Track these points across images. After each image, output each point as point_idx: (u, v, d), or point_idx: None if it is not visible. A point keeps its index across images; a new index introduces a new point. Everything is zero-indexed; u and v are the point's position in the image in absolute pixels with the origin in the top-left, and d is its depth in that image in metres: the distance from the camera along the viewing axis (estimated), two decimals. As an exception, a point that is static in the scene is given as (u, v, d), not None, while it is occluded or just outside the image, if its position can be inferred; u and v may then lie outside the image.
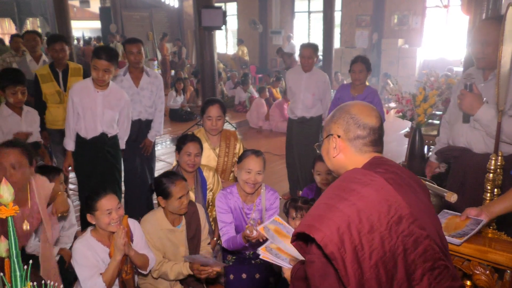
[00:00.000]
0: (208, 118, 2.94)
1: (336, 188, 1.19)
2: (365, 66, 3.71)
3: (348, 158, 1.29)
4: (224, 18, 5.69)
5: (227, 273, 2.62)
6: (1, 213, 1.10)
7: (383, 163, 1.26)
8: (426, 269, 1.12)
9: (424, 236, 1.12)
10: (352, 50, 11.22)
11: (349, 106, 1.31)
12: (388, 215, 1.10)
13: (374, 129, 1.27)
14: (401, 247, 1.09)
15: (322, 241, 1.06)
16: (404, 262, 1.10)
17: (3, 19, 17.21)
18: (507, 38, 1.85)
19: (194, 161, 2.69)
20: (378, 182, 1.15)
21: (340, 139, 1.29)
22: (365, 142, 1.27)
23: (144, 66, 3.83)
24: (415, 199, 1.21)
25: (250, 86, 9.33)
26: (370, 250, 1.07)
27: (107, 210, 2.13)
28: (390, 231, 1.09)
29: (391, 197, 1.13)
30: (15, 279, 1.13)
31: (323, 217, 1.11)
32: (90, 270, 2.13)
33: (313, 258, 1.13)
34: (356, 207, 1.10)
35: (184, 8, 16.30)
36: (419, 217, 1.14)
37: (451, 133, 2.54)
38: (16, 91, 3.20)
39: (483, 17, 3.45)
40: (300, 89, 4.18)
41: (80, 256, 2.13)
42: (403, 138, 5.59)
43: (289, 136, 4.41)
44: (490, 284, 1.72)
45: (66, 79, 3.94)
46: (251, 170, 2.47)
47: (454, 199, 1.97)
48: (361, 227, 1.08)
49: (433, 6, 10.06)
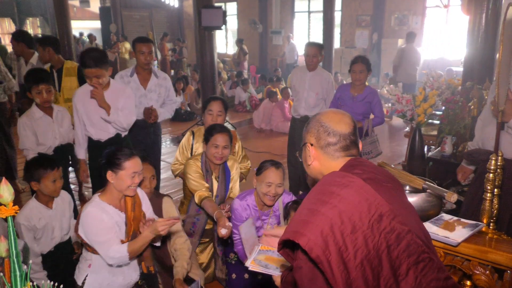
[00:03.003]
0: (209, 113, 2.93)
1: (317, 192, 1.23)
2: (366, 66, 3.71)
3: (322, 165, 1.35)
4: (224, 18, 5.69)
5: (229, 272, 2.62)
6: (1, 213, 1.10)
7: (359, 164, 1.31)
8: (411, 263, 1.15)
9: (406, 231, 1.15)
10: (352, 50, 11.22)
11: (320, 115, 1.38)
12: (369, 214, 1.14)
13: (344, 135, 1.32)
14: (384, 244, 1.13)
15: (307, 246, 1.09)
16: (389, 259, 1.12)
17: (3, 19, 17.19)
18: (507, 38, 1.85)
19: (222, 153, 2.64)
20: (356, 183, 1.18)
21: (313, 147, 1.35)
22: (336, 148, 1.33)
23: (152, 67, 3.72)
24: (394, 197, 1.26)
25: (250, 86, 9.33)
26: (354, 250, 1.10)
27: (133, 173, 2.08)
28: (372, 230, 1.12)
29: (371, 196, 1.16)
30: (15, 279, 1.13)
31: (306, 222, 1.14)
32: (107, 233, 2.05)
33: (300, 264, 1.16)
34: (337, 209, 1.13)
35: (184, 8, 16.30)
36: (400, 214, 1.17)
37: (482, 135, 2.51)
38: (40, 90, 3.12)
39: (483, 17, 3.45)
40: (304, 88, 4.18)
41: (93, 219, 2.04)
42: (403, 138, 5.60)
43: (292, 135, 4.41)
44: (490, 284, 1.72)
45: (60, 78, 3.94)
46: (272, 183, 2.42)
47: (454, 199, 1.97)
48: (344, 228, 1.11)
49: (433, 6, 10.06)
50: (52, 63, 3.99)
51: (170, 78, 4.37)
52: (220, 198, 2.75)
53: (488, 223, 1.92)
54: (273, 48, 14.12)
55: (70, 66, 4.02)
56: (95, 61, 2.95)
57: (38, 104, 3.20)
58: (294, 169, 4.44)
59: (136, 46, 3.58)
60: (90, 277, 2.18)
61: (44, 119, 3.22)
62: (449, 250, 1.81)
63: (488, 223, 1.92)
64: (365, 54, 10.99)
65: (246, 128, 7.84)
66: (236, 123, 8.03)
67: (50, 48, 3.95)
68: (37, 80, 3.14)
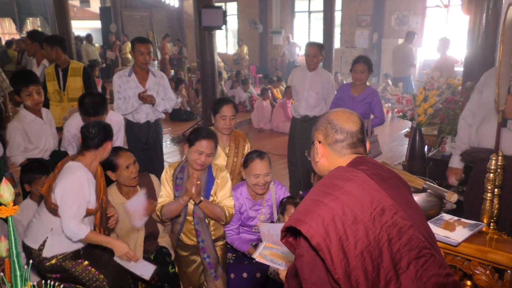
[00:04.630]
0: (223, 118, 2.89)
1: (321, 185, 1.27)
2: (367, 66, 3.69)
3: (330, 161, 1.39)
4: (224, 18, 5.69)
5: (228, 272, 2.62)
6: (1, 213, 1.10)
7: (365, 162, 1.34)
8: (412, 257, 1.16)
9: (408, 226, 1.17)
10: (352, 50, 11.23)
11: (329, 114, 1.42)
12: (371, 207, 1.16)
13: (352, 133, 1.36)
14: (385, 237, 1.15)
15: (308, 233, 1.12)
16: (389, 251, 1.14)
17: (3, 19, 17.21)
18: (507, 38, 1.85)
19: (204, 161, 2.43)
20: (360, 177, 1.22)
21: (321, 144, 1.39)
22: (343, 146, 1.36)
23: (149, 66, 3.77)
24: (398, 194, 1.28)
25: (250, 86, 9.33)
26: (354, 240, 1.12)
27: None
28: (373, 222, 1.15)
29: (374, 191, 1.19)
30: (15, 279, 1.13)
31: (308, 211, 1.18)
32: (82, 207, 2.19)
33: (302, 252, 1.19)
34: (339, 200, 1.17)
35: (184, 8, 16.30)
36: (402, 209, 1.19)
37: (477, 134, 2.48)
38: (30, 91, 3.02)
39: (483, 17, 3.45)
40: (304, 87, 4.18)
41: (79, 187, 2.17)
42: (403, 138, 5.60)
43: (292, 135, 4.41)
44: (490, 284, 1.72)
45: (65, 78, 3.95)
46: (259, 174, 2.51)
47: (454, 199, 1.97)
48: (345, 219, 1.14)
49: (433, 6, 10.06)
50: (58, 63, 4.00)
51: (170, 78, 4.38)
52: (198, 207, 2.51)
53: (489, 223, 1.92)
54: (273, 48, 14.11)
55: (76, 66, 4.04)
56: (95, 108, 2.92)
57: (27, 107, 3.11)
58: (294, 169, 4.44)
59: (135, 46, 3.59)
60: (51, 239, 2.24)
61: (36, 122, 3.17)
62: (449, 250, 1.81)
63: (489, 223, 1.92)
64: (366, 54, 11.00)
65: (246, 128, 7.85)
66: (236, 123, 8.02)
67: (58, 48, 3.97)
68: (27, 81, 3.04)
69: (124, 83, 3.62)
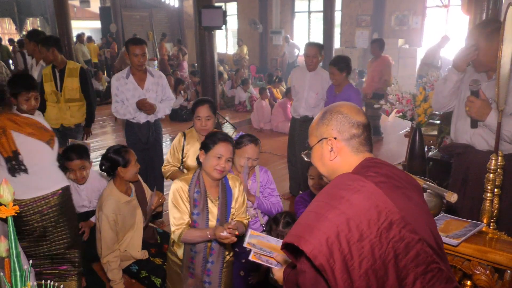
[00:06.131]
0: (197, 118, 2.86)
1: (326, 195, 1.18)
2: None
3: (344, 160, 1.27)
4: (224, 18, 5.70)
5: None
6: (1, 213, 1.10)
7: (374, 166, 1.24)
8: (419, 273, 1.11)
9: (416, 240, 1.12)
10: (352, 50, 11.22)
11: (338, 107, 1.29)
12: (378, 222, 1.10)
13: (366, 126, 1.27)
14: (392, 253, 1.09)
15: (311, 253, 1.07)
16: (396, 268, 1.09)
17: (3, 19, 17.20)
18: (507, 38, 1.85)
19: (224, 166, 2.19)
20: (368, 188, 1.14)
21: (337, 140, 1.26)
22: (360, 141, 1.26)
23: (147, 66, 3.72)
24: (407, 202, 1.20)
25: (250, 86, 9.33)
26: (359, 259, 1.07)
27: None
28: (380, 238, 1.09)
29: (381, 203, 1.12)
30: (15, 279, 1.13)
31: (312, 227, 1.10)
32: None
33: (304, 268, 1.14)
34: (345, 216, 1.09)
35: (184, 8, 16.30)
36: (411, 221, 1.13)
37: (454, 130, 2.54)
38: (29, 97, 2.95)
39: (483, 17, 3.44)
40: (303, 88, 4.19)
41: None
42: (403, 138, 5.59)
43: (292, 135, 4.42)
44: (490, 284, 1.72)
45: (62, 79, 3.94)
46: (250, 158, 2.62)
47: (454, 199, 1.96)
48: (351, 236, 1.08)
49: (433, 6, 10.06)
50: (55, 64, 3.98)
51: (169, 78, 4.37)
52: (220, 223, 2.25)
53: (488, 223, 1.92)
54: (273, 48, 14.11)
55: (72, 67, 4.02)
56: (79, 154, 3.07)
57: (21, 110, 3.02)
58: (294, 169, 4.44)
59: (129, 48, 3.52)
60: None
61: None
62: (449, 250, 1.81)
63: (488, 223, 1.92)
64: (365, 54, 11.00)
65: (246, 128, 7.84)
66: (236, 123, 8.03)
67: (54, 49, 3.94)
68: (28, 87, 2.99)
69: (122, 85, 3.60)
